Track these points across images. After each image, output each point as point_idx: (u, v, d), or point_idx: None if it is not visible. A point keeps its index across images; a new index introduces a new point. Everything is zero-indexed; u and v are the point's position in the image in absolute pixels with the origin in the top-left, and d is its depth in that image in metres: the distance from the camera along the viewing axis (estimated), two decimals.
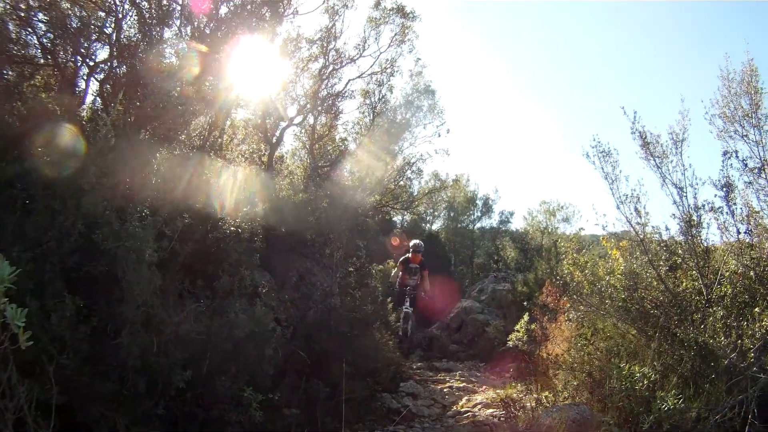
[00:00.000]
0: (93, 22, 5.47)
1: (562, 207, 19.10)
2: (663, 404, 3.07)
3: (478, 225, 19.90)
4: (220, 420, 3.67)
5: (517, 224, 19.62)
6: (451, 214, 19.77)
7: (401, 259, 9.79)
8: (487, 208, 19.77)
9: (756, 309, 3.69)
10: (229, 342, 3.76)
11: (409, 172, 11.99)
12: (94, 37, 5.49)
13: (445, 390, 6.62)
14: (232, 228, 4.91)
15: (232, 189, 5.51)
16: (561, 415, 3.64)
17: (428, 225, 20.08)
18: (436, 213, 20.09)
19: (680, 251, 4.78)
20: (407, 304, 9.25)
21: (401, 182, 12.25)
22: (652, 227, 4.88)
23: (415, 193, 14.16)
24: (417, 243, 9.73)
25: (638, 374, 3.30)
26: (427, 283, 9.48)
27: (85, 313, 3.33)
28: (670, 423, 3.07)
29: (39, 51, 5.35)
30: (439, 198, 18.48)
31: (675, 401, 3.10)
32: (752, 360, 3.37)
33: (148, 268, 3.49)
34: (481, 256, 18.56)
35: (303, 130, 10.43)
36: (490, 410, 5.56)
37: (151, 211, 4.15)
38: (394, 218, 16.62)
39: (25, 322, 2.12)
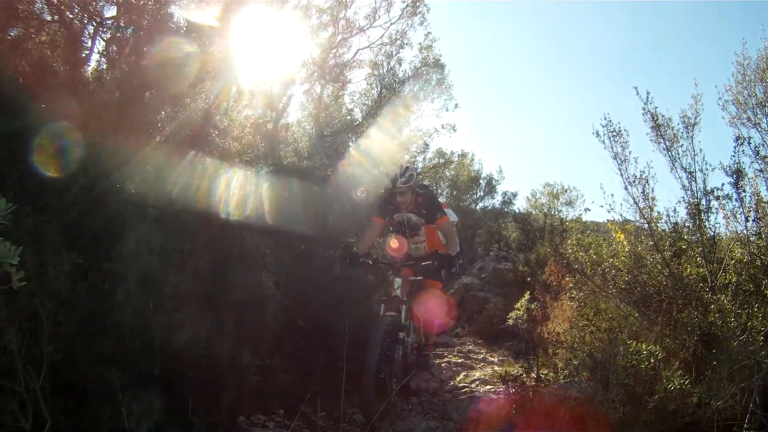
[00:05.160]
0: None
1: (566, 190, 18.99)
2: (669, 384, 3.04)
3: (481, 204, 19.74)
4: (217, 383, 3.64)
5: (519, 205, 19.51)
6: (454, 193, 19.58)
7: (378, 205, 5.51)
8: (491, 188, 19.56)
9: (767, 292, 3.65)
10: (228, 305, 3.72)
11: (415, 145, 11.91)
12: None
13: (442, 365, 6.62)
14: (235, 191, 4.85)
15: (235, 152, 5.44)
16: (561, 393, 3.62)
17: None
18: (439, 191, 19.97)
19: (686, 236, 4.73)
20: (404, 306, 4.74)
21: (407, 156, 12.16)
22: (658, 212, 4.84)
23: (420, 168, 14.04)
24: (401, 170, 4.98)
25: (645, 352, 3.25)
26: (454, 239, 5.21)
27: (83, 269, 3.27)
28: (674, 405, 3.04)
29: (45, 6, 5.24)
30: (443, 175, 18.36)
31: (681, 381, 3.07)
32: (761, 343, 3.33)
33: (147, 225, 3.43)
34: (483, 236, 18.49)
35: (310, 99, 10.36)
36: (488, 387, 5.56)
37: (154, 168, 4.09)
38: None
39: (23, 274, 2.03)
